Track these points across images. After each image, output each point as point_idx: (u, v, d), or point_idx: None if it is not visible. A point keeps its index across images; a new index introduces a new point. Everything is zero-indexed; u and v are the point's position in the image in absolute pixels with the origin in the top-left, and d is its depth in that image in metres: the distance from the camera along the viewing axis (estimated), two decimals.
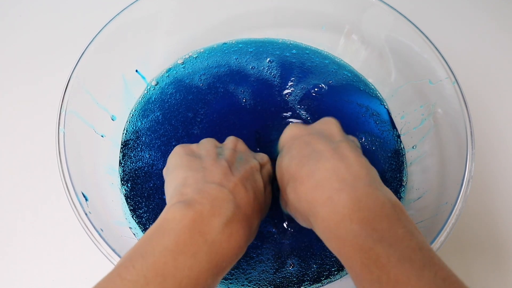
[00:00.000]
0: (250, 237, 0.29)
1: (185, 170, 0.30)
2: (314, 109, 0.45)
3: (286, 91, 0.46)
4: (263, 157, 0.36)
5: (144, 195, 0.41)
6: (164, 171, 0.33)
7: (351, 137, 0.34)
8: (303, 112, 0.44)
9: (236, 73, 0.47)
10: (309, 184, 0.29)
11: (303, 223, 0.32)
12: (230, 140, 0.36)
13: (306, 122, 0.43)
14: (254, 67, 0.47)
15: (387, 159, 0.43)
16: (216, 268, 0.25)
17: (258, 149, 0.42)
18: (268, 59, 0.47)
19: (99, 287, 0.23)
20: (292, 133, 0.35)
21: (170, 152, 0.34)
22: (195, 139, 0.41)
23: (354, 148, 0.31)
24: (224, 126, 0.44)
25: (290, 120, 0.44)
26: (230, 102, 0.45)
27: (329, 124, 0.34)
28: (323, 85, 0.46)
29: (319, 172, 0.29)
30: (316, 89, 0.46)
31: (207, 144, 0.34)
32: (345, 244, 0.26)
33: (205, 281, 0.25)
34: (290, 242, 0.39)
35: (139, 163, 0.42)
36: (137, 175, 0.42)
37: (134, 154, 0.43)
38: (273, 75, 0.46)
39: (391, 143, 0.44)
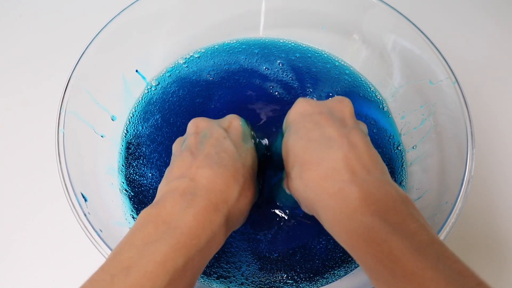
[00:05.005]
0: (224, 209, 0.28)
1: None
2: None
3: (308, 97, 0.46)
4: (228, 119, 0.35)
5: (149, 197, 0.41)
6: None
7: (361, 123, 0.33)
8: None
9: (252, 71, 0.47)
10: (317, 172, 0.28)
11: (306, 210, 0.31)
12: (190, 125, 0.35)
13: None
14: (268, 68, 0.47)
15: (387, 160, 0.43)
16: (186, 247, 0.25)
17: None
18: (278, 61, 0.48)
19: None
20: (302, 109, 0.33)
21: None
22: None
23: (364, 136, 0.30)
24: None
25: None
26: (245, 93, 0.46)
27: (342, 105, 0.32)
28: (335, 95, 0.46)
29: (329, 161, 0.28)
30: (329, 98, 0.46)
31: (175, 146, 0.35)
32: (357, 238, 0.25)
33: (175, 262, 0.24)
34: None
35: (143, 168, 0.42)
36: (140, 183, 0.42)
37: (136, 163, 0.43)
38: (290, 77, 0.47)
39: (391, 144, 0.44)
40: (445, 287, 0.21)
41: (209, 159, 0.30)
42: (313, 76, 0.47)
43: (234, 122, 0.35)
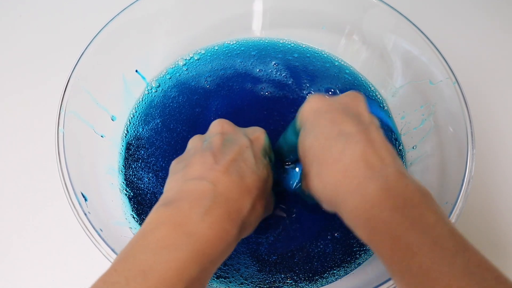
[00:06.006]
0: (238, 220, 0.28)
1: (169, 177, 0.30)
2: None
3: (305, 91, 0.46)
4: (255, 130, 0.35)
5: (147, 199, 0.41)
6: None
7: (375, 118, 0.32)
8: None
9: (245, 74, 0.47)
10: (335, 169, 0.28)
11: (327, 208, 0.31)
12: (215, 124, 0.34)
13: None
14: (262, 70, 0.47)
15: None
16: (201, 256, 0.25)
17: None
18: (274, 62, 0.48)
19: None
20: (315, 106, 0.32)
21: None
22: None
23: (381, 132, 0.29)
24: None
25: None
26: (246, 99, 0.46)
27: (356, 100, 0.31)
28: (336, 90, 0.46)
29: (347, 157, 0.27)
30: (330, 93, 0.46)
31: (193, 141, 0.34)
32: (375, 232, 0.25)
33: (191, 271, 0.24)
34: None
35: (141, 171, 0.42)
36: (140, 184, 0.42)
37: (135, 165, 0.43)
38: (284, 75, 0.47)
39: (392, 144, 0.44)
40: (462, 281, 0.21)
41: (231, 167, 0.29)
42: (310, 73, 0.47)
43: (261, 136, 0.34)
